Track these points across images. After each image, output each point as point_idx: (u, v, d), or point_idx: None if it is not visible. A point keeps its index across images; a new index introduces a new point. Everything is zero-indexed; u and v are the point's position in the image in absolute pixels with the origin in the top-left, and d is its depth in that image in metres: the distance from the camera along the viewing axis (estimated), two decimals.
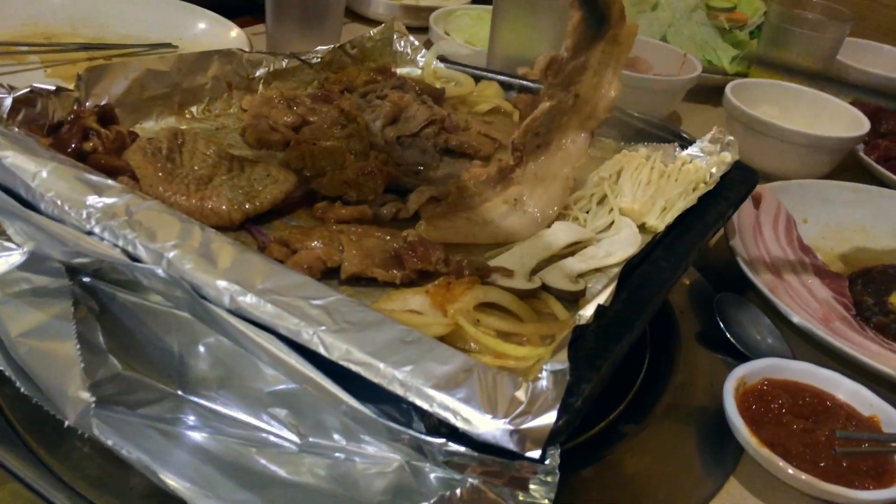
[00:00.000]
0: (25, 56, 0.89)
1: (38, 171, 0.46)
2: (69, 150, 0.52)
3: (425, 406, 0.36)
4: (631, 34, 0.59)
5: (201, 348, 0.44)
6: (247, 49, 0.94)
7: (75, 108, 0.56)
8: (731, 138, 0.74)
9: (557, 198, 0.63)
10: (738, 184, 0.69)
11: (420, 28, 1.23)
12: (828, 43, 1.11)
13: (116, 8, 1.04)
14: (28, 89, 0.53)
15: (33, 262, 0.47)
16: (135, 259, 0.44)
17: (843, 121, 0.97)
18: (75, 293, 0.47)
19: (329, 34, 0.97)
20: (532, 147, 0.63)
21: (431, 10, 1.25)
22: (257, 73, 0.74)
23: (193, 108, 0.67)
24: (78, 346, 0.44)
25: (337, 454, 0.40)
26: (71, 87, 0.57)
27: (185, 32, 1.00)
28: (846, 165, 0.97)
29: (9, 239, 0.48)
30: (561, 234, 0.58)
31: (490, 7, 1.07)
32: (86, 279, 0.47)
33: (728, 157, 0.71)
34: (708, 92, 1.12)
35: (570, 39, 0.58)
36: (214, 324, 0.42)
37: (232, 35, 0.98)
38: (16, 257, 0.48)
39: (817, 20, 1.12)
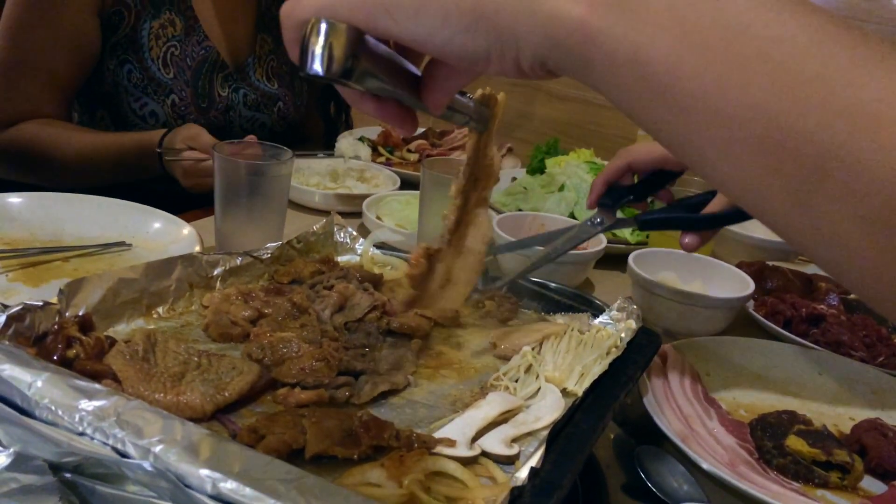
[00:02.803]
0: None
1: (34, 381, 0.52)
2: (54, 357, 0.59)
3: None
4: (502, 105, 0.64)
5: None
6: (198, 244, 1.04)
7: (57, 319, 0.63)
8: (635, 307, 0.86)
9: (477, 268, 0.70)
10: (644, 347, 0.79)
11: (354, 213, 1.36)
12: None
13: (71, 212, 1.11)
14: (20, 306, 0.60)
15: (19, 462, 0.52)
16: (123, 455, 0.50)
17: (733, 282, 1.11)
18: (58, 489, 0.52)
19: (274, 229, 1.07)
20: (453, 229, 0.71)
21: (363, 197, 1.38)
22: (215, 272, 0.82)
23: (160, 309, 0.75)
24: None
25: None
26: (53, 299, 0.64)
27: (139, 231, 1.09)
28: (740, 321, 1.09)
29: None
30: (496, 404, 0.66)
31: (416, 192, 1.21)
32: (67, 475, 0.52)
33: (633, 324, 0.82)
34: (615, 260, 1.26)
35: (468, 149, 0.67)
36: None
37: (184, 233, 1.07)
38: (2, 459, 0.53)
39: None
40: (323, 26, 0.42)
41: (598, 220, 0.92)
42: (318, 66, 0.42)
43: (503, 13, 0.41)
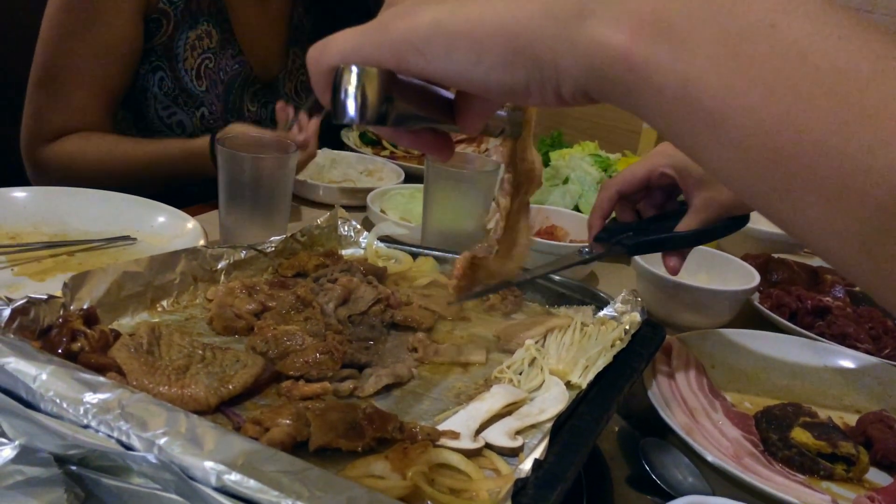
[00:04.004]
0: None
1: (39, 374, 0.52)
2: (59, 351, 0.59)
3: None
4: (535, 108, 0.63)
5: None
6: (203, 238, 1.04)
7: (62, 312, 0.63)
8: (640, 299, 0.85)
9: (523, 256, 0.69)
10: (648, 340, 0.79)
11: (358, 207, 1.36)
12: None
13: (76, 206, 1.11)
14: (25, 300, 0.61)
15: (24, 455, 0.52)
16: (128, 447, 0.50)
17: (738, 275, 1.11)
18: (64, 481, 0.52)
19: (278, 222, 1.07)
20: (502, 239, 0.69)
21: (368, 190, 1.37)
22: (219, 266, 0.82)
23: (164, 302, 0.75)
24: None
25: None
26: (57, 293, 0.65)
27: (144, 225, 1.09)
28: (745, 313, 1.09)
29: (3, 434, 0.54)
30: (500, 396, 0.66)
31: (421, 186, 1.20)
32: (72, 467, 0.53)
33: (637, 316, 0.82)
34: None
35: (504, 157, 0.65)
36: (201, 501, 0.48)
37: (188, 227, 1.07)
38: (8, 451, 0.53)
39: None
40: (354, 72, 0.41)
41: (587, 249, 0.88)
42: (352, 114, 0.41)
43: (541, 45, 0.39)
